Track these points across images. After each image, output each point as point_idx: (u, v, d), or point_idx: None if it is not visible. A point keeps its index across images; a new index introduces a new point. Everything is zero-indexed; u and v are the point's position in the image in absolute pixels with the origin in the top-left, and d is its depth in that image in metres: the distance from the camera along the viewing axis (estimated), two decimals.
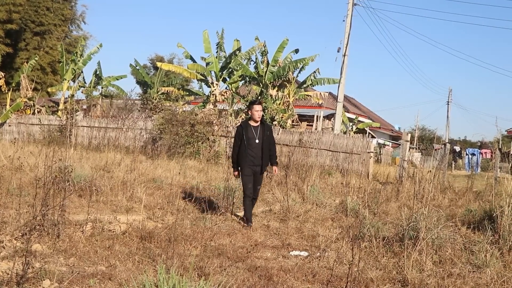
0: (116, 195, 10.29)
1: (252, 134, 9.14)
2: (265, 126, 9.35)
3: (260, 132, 9.20)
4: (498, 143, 17.50)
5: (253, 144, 9.10)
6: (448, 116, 62.10)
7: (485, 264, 6.81)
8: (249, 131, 9.16)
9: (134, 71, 40.34)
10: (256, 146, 9.11)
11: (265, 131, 9.26)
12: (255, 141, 9.11)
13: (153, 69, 56.10)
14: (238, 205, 10.49)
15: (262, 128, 9.27)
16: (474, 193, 14.47)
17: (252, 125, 9.25)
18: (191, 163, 17.75)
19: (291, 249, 7.71)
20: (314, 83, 30.22)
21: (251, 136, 9.12)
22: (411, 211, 8.29)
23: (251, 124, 9.27)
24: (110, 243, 6.90)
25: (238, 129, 9.33)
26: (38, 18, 47.84)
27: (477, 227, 9.02)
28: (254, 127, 9.23)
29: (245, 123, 9.36)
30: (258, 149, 9.12)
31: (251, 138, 9.11)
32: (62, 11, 50.21)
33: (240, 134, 9.19)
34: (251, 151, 9.08)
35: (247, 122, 9.39)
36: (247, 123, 9.32)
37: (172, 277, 4.53)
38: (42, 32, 48.48)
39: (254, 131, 9.18)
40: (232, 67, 29.80)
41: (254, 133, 9.16)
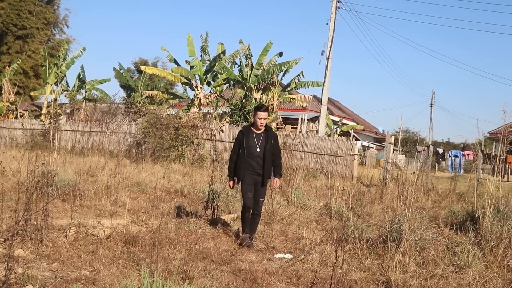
0: (100, 199, 10.25)
1: (253, 142, 8.12)
2: (270, 134, 8.24)
3: (263, 140, 8.14)
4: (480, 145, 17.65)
5: (254, 153, 8.09)
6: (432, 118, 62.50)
7: (467, 265, 6.88)
8: (250, 138, 8.14)
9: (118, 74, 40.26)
10: (257, 156, 8.09)
11: (269, 139, 8.18)
12: (256, 149, 8.08)
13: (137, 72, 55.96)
14: (223, 208, 10.49)
15: (266, 136, 8.19)
16: (457, 194, 14.60)
17: (254, 132, 8.21)
18: (175, 166, 17.71)
19: (276, 252, 7.73)
20: (298, 86, 30.36)
21: (252, 143, 8.11)
22: (394, 213, 8.35)
23: (253, 131, 8.23)
24: (94, 248, 6.87)
25: (238, 135, 8.33)
26: (20, 22, 47.39)
27: (460, 228, 9.10)
28: (256, 134, 8.19)
29: (246, 129, 8.33)
30: (259, 158, 8.11)
31: (252, 146, 8.10)
32: (45, 14, 49.82)
33: (239, 140, 8.22)
34: (251, 160, 8.08)
35: (249, 127, 8.34)
36: (249, 129, 8.28)
37: (156, 281, 4.52)
38: (24, 36, 48.06)
39: (256, 139, 8.14)
40: (216, 71, 29.84)
41: (256, 140, 8.13)
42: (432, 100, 62.66)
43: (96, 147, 21.63)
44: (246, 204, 8.15)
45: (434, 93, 63.85)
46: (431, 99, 62.76)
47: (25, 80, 46.67)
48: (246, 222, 8.21)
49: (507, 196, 9.56)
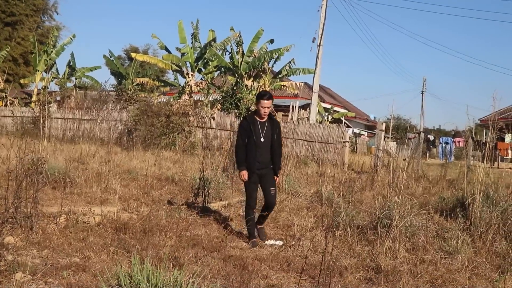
0: (90, 186, 10.22)
1: (258, 131, 7.55)
2: (274, 123, 7.71)
3: (268, 129, 7.59)
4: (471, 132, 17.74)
5: (258, 142, 7.52)
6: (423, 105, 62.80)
7: (457, 251, 6.93)
8: (256, 127, 7.56)
9: (108, 62, 40.01)
10: (261, 146, 7.52)
11: (274, 128, 7.65)
12: (260, 139, 7.51)
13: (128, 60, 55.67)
14: (214, 195, 10.49)
15: (270, 124, 7.64)
16: (448, 181, 14.66)
17: (258, 120, 7.61)
18: (166, 154, 17.68)
19: (266, 239, 7.75)
20: (289, 73, 30.33)
21: (257, 133, 7.56)
22: (385, 200, 8.38)
23: (257, 119, 7.62)
24: (85, 235, 6.86)
25: (243, 124, 7.68)
26: (9, 8, 46.98)
27: (450, 215, 9.15)
28: (260, 123, 7.59)
29: (251, 117, 7.66)
30: (265, 148, 7.56)
31: (257, 135, 7.56)
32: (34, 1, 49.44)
33: (245, 129, 7.58)
34: (256, 152, 7.53)
35: (253, 116, 7.68)
36: (253, 117, 7.64)
37: (146, 267, 4.52)
38: (13, 23, 47.67)
39: (260, 128, 7.57)
40: (207, 58, 29.75)
41: (260, 130, 7.56)
42: (423, 87, 62.81)
43: (87, 134, 21.57)
44: (250, 204, 7.61)
45: (426, 80, 64.02)
46: (423, 86, 62.91)
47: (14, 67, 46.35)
48: (252, 223, 7.56)
49: (496, 182, 9.61)
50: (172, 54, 30.55)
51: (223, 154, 14.81)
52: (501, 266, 6.68)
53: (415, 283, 5.85)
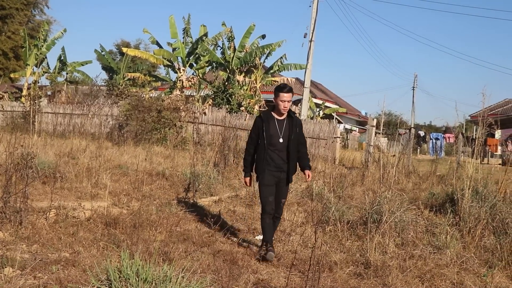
0: (81, 181, 10.19)
1: (275, 130, 6.74)
2: (294, 121, 6.85)
3: (287, 128, 6.78)
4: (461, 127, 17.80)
5: (276, 143, 6.72)
6: (414, 101, 62.69)
7: (446, 246, 6.98)
8: (271, 126, 6.76)
9: (99, 56, 39.91)
10: (280, 147, 6.74)
11: (294, 127, 6.81)
12: (279, 140, 6.71)
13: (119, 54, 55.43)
14: (204, 190, 10.50)
15: (290, 123, 6.81)
16: (438, 177, 14.73)
17: (276, 118, 6.82)
18: (157, 149, 17.64)
19: (257, 234, 7.77)
20: (281, 68, 30.35)
21: (273, 133, 6.73)
22: (375, 195, 8.42)
23: (274, 117, 6.83)
24: (74, 230, 6.84)
25: (256, 122, 6.89)
26: None
27: (439, 210, 9.21)
28: (278, 121, 6.80)
29: (266, 115, 6.89)
30: (283, 151, 6.76)
31: (274, 135, 6.73)
32: None
33: (258, 128, 6.80)
34: (273, 153, 6.73)
35: (269, 113, 6.92)
36: (269, 115, 6.87)
37: (136, 262, 4.51)
38: (3, 16, 47.34)
39: (279, 127, 6.77)
40: (198, 53, 29.69)
41: (278, 129, 6.76)
42: (414, 83, 62.86)
43: (77, 129, 21.46)
44: (266, 209, 6.74)
45: (417, 76, 64.10)
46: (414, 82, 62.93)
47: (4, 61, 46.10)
48: (268, 229, 6.76)
49: (485, 178, 9.67)
50: (164, 49, 30.47)
51: (214, 149, 14.82)
52: (489, 261, 6.75)
53: (404, 278, 5.89)
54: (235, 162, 14.24)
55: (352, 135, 42.97)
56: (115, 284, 4.35)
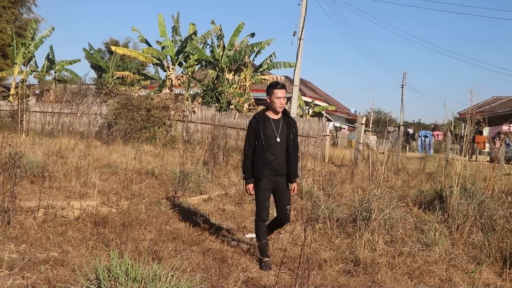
0: (69, 181, 10.14)
1: (271, 131, 6.41)
2: (290, 120, 6.57)
3: (284, 128, 6.46)
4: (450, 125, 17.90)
5: (273, 144, 6.37)
6: (403, 99, 63.14)
7: (434, 243, 7.01)
8: (268, 127, 6.42)
9: (88, 55, 39.68)
10: (277, 147, 6.39)
11: (290, 127, 6.50)
12: (276, 140, 6.38)
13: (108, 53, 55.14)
14: (194, 189, 10.49)
15: (286, 123, 6.52)
16: (426, 174, 14.79)
17: (271, 118, 6.50)
18: (147, 148, 17.61)
19: (246, 232, 7.77)
20: (270, 67, 30.37)
21: (270, 133, 6.39)
22: (364, 193, 8.45)
23: (269, 117, 6.50)
24: (63, 229, 6.82)
25: (252, 124, 6.50)
26: None
27: (428, 207, 9.25)
28: (274, 121, 6.47)
29: (261, 115, 6.52)
30: (280, 151, 6.41)
31: (271, 136, 6.38)
32: None
33: (255, 130, 6.43)
34: (271, 155, 6.36)
35: (263, 113, 6.55)
36: (264, 115, 6.51)
37: (125, 261, 4.50)
38: None
39: (275, 127, 6.44)
40: (188, 51, 29.63)
41: (275, 129, 6.43)
42: (403, 81, 63.15)
43: (66, 128, 21.34)
44: (262, 216, 6.37)
45: (405, 74, 64.47)
46: (402, 80, 63.25)
47: None
48: (263, 237, 6.35)
49: (474, 175, 9.73)
50: (153, 48, 30.37)
51: (203, 148, 14.80)
52: (477, 257, 6.79)
53: (393, 275, 5.91)
54: (224, 160, 14.25)
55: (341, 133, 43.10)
56: (104, 283, 4.33)
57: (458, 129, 33.55)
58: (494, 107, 45.39)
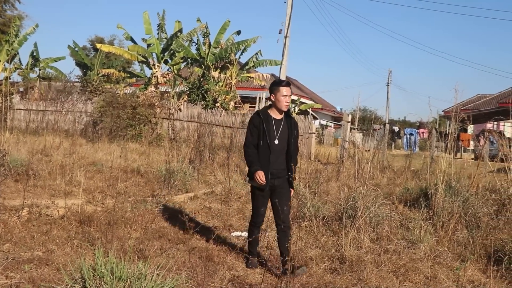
0: (54, 179, 10.07)
1: (272, 132, 5.99)
2: (292, 121, 6.14)
3: (285, 129, 6.05)
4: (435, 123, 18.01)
5: (272, 145, 5.96)
6: (388, 97, 63.22)
7: (420, 240, 7.05)
8: (270, 126, 6.01)
9: (73, 52, 39.35)
10: (276, 149, 5.97)
11: (292, 129, 6.08)
12: (274, 141, 5.96)
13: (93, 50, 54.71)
14: (180, 187, 10.45)
15: (288, 123, 6.09)
16: (412, 172, 14.86)
17: (273, 118, 6.06)
18: (132, 146, 17.52)
19: (233, 230, 7.77)
20: (256, 64, 30.35)
21: (271, 134, 5.99)
22: (350, 191, 8.47)
23: (272, 116, 6.07)
24: (48, 228, 6.76)
25: (254, 120, 6.06)
26: None
27: (414, 205, 9.29)
28: (276, 121, 6.05)
29: (265, 113, 6.07)
30: (279, 153, 5.99)
31: (271, 137, 5.98)
32: None
33: (257, 127, 6.00)
34: (272, 156, 5.94)
35: (266, 112, 6.10)
36: (267, 114, 6.07)
37: (110, 260, 4.48)
38: None
39: (276, 127, 6.02)
40: (173, 49, 29.53)
41: (275, 129, 6.01)
42: (388, 79, 63.41)
43: (51, 126, 21.21)
44: (256, 222, 6.13)
45: (391, 72, 64.67)
46: (388, 78, 63.51)
47: None
48: (255, 243, 6.22)
49: (458, 173, 9.79)
50: (138, 45, 30.22)
51: (189, 146, 14.76)
52: (462, 254, 6.84)
53: (379, 272, 5.94)
54: (210, 158, 14.22)
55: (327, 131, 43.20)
56: (89, 282, 4.31)
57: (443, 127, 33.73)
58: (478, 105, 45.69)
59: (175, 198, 9.64)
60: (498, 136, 11.25)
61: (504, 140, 10.67)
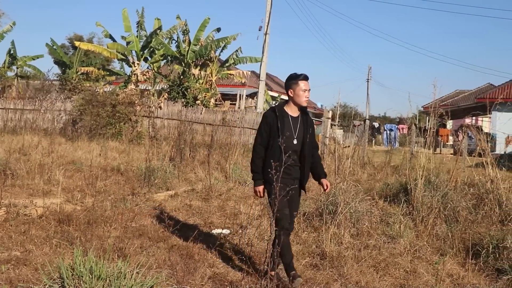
0: (32, 178, 9.96)
1: (289, 130, 5.45)
2: (308, 119, 5.65)
3: (301, 128, 5.54)
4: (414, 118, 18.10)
5: (290, 146, 5.39)
6: (368, 93, 63.48)
7: (399, 235, 7.10)
8: (286, 125, 5.46)
9: (51, 50, 38.99)
10: (294, 149, 5.46)
11: (308, 127, 5.58)
12: (293, 141, 5.44)
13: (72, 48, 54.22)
14: (160, 185, 10.41)
15: (304, 122, 5.59)
16: (392, 167, 14.96)
17: (290, 115, 5.54)
18: (112, 144, 17.39)
19: (214, 228, 7.75)
20: (236, 61, 30.34)
21: (288, 133, 5.42)
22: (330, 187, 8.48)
23: (288, 113, 5.55)
24: (26, 228, 6.69)
25: (268, 118, 5.52)
26: None
27: (393, 200, 9.34)
28: (292, 119, 5.53)
29: (280, 110, 5.54)
30: (296, 153, 5.50)
31: (288, 136, 5.41)
32: None
33: (271, 126, 5.46)
34: (288, 158, 5.25)
35: (282, 108, 5.58)
36: (283, 111, 5.55)
37: (89, 259, 4.44)
38: None
39: (293, 125, 5.50)
40: (153, 46, 29.40)
41: (293, 128, 5.49)
42: (368, 75, 63.66)
43: (29, 125, 20.99)
44: (284, 225, 5.37)
45: (371, 68, 65.04)
46: (368, 74, 63.72)
47: None
48: (288, 250, 5.49)
49: (438, 168, 9.87)
50: (118, 43, 30.03)
51: (170, 144, 14.71)
52: (441, 248, 6.91)
53: (359, 267, 5.97)
54: (191, 156, 14.17)
55: None
56: (68, 282, 4.27)
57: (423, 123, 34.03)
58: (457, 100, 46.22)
59: (155, 196, 9.59)
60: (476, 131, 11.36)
61: (482, 135, 10.77)
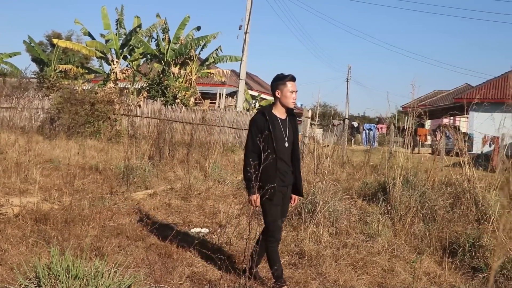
0: (9, 177, 9.84)
1: (280, 133, 5.29)
2: (294, 120, 5.50)
3: (290, 130, 5.39)
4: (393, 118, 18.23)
5: (282, 149, 5.27)
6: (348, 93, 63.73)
7: (378, 234, 7.15)
8: (277, 127, 5.29)
9: (28, 48, 38.52)
10: (286, 153, 5.32)
11: (296, 129, 5.50)
12: (284, 144, 5.29)
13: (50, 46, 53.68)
14: (139, 184, 10.35)
15: (292, 124, 5.45)
16: (371, 166, 15.04)
17: (279, 118, 5.37)
18: (91, 142, 17.26)
19: (192, 227, 7.73)
20: (216, 60, 30.26)
21: (279, 136, 5.27)
22: (309, 186, 8.52)
23: (277, 116, 5.38)
24: (2, 227, 6.60)
25: (258, 121, 5.31)
26: None
27: (372, 199, 9.41)
28: (282, 121, 5.36)
29: (269, 113, 5.35)
30: (288, 156, 5.35)
31: (280, 139, 5.27)
32: None
33: (261, 130, 5.22)
34: (281, 161, 5.24)
35: (270, 111, 5.39)
36: (272, 114, 5.36)
37: (66, 258, 4.40)
38: None
39: (283, 128, 5.34)
40: (132, 45, 29.23)
41: (283, 131, 5.33)
42: (348, 74, 63.88)
43: (6, 123, 20.73)
44: (276, 236, 5.29)
45: (350, 68, 65.17)
46: (347, 74, 63.96)
47: None
48: (277, 259, 5.31)
49: (416, 167, 9.96)
50: (96, 41, 29.79)
51: (149, 142, 14.64)
52: (418, 247, 6.97)
53: (337, 266, 6.00)
54: (170, 155, 14.10)
55: None
56: (44, 281, 4.22)
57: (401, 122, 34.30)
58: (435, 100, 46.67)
59: (134, 195, 9.53)
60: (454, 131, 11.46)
61: (459, 134, 10.88)
